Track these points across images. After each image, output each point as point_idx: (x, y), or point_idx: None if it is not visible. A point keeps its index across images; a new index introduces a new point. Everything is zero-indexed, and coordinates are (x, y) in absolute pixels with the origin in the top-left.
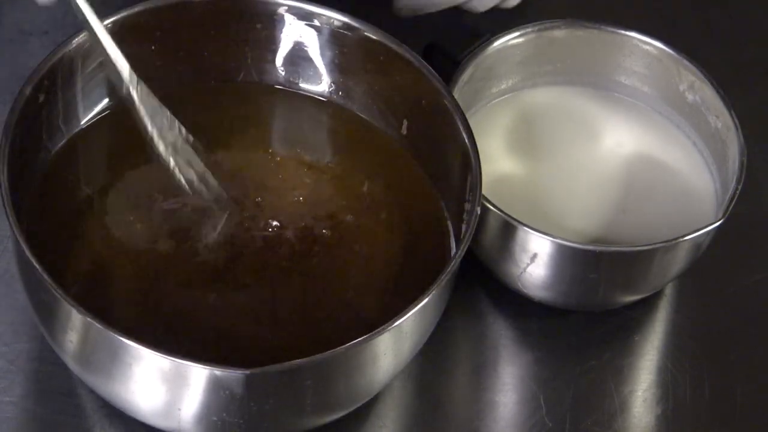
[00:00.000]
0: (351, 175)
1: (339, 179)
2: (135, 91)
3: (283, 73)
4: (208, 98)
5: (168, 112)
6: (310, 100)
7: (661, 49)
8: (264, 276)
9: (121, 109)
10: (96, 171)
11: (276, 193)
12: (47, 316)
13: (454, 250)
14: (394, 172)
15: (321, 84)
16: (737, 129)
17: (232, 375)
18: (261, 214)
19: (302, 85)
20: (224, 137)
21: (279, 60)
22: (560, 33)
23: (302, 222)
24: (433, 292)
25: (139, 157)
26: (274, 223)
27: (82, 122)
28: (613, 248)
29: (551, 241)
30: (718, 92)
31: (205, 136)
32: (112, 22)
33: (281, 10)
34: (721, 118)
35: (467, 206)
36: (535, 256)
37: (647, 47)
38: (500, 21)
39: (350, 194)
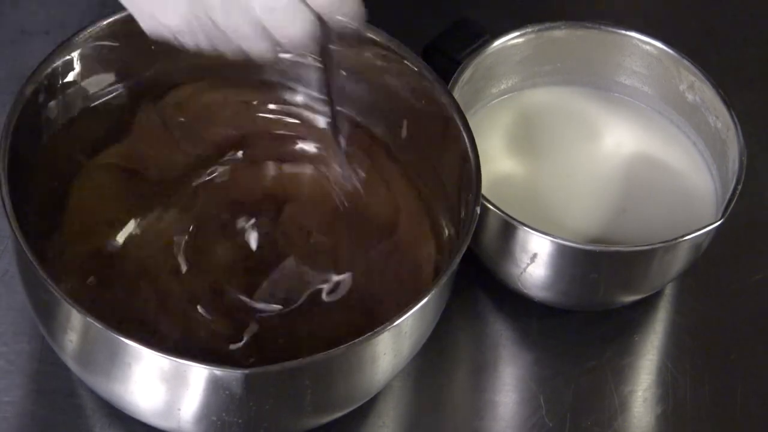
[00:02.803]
0: (350, 175)
1: (338, 178)
2: None
3: (282, 72)
4: (208, 96)
5: None
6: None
7: (661, 49)
8: (263, 274)
9: (121, 109)
10: (97, 170)
11: (276, 192)
12: (47, 315)
13: (453, 250)
14: (394, 172)
15: (321, 83)
16: (737, 129)
17: (232, 375)
18: (260, 213)
19: (302, 83)
20: (223, 136)
21: (279, 58)
22: (560, 33)
23: (301, 221)
24: (433, 292)
25: (140, 156)
26: (273, 222)
27: (82, 122)
28: (613, 248)
29: (551, 241)
30: (718, 92)
31: (207, 133)
32: (113, 22)
33: None
34: (721, 118)
35: (467, 206)
36: (535, 256)
37: (647, 47)
38: (500, 21)
39: (350, 194)
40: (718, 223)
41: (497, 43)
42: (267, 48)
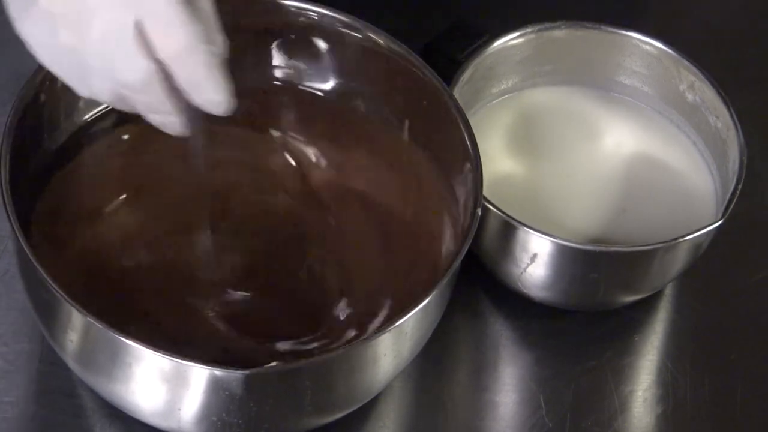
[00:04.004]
0: (351, 175)
1: (340, 179)
2: None
3: (283, 72)
4: None
5: None
6: (310, 99)
7: (661, 49)
8: (264, 274)
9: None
10: (97, 170)
11: (276, 193)
12: (47, 315)
13: (454, 250)
14: (395, 172)
15: (321, 84)
16: (737, 129)
17: (232, 375)
18: (260, 213)
19: (302, 84)
20: (223, 135)
21: (279, 59)
22: (560, 33)
23: (302, 222)
24: (434, 292)
25: (141, 155)
26: (274, 223)
27: (83, 122)
28: (613, 248)
29: (551, 241)
30: (718, 92)
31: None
32: None
33: (281, 9)
34: (721, 118)
35: (467, 206)
36: (535, 256)
37: (647, 47)
38: (500, 21)
39: (351, 194)
40: (718, 223)
41: (497, 43)
42: (104, 88)
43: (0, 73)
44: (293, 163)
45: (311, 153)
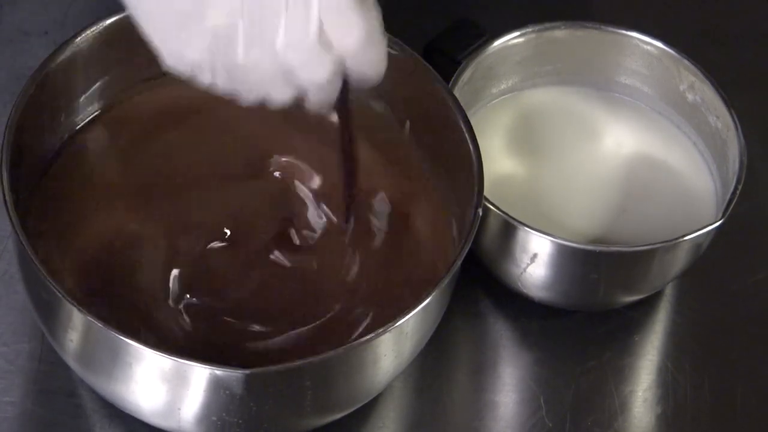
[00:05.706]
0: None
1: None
2: None
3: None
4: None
5: None
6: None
7: (661, 49)
8: (263, 273)
9: (121, 108)
10: (97, 170)
11: (276, 192)
12: (48, 315)
13: (454, 250)
14: (395, 172)
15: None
16: (737, 129)
17: (232, 375)
18: (259, 212)
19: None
20: (224, 135)
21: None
22: (560, 33)
23: (302, 220)
24: (434, 293)
25: (140, 155)
26: (273, 221)
27: (83, 122)
28: (613, 248)
29: (551, 241)
30: (718, 92)
31: (209, 129)
32: (113, 23)
33: None
34: (721, 118)
35: (468, 206)
36: (535, 256)
37: (647, 47)
38: (500, 21)
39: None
40: (718, 223)
41: (497, 43)
42: (285, 93)
43: (0, 73)
44: (293, 160)
45: (311, 152)
